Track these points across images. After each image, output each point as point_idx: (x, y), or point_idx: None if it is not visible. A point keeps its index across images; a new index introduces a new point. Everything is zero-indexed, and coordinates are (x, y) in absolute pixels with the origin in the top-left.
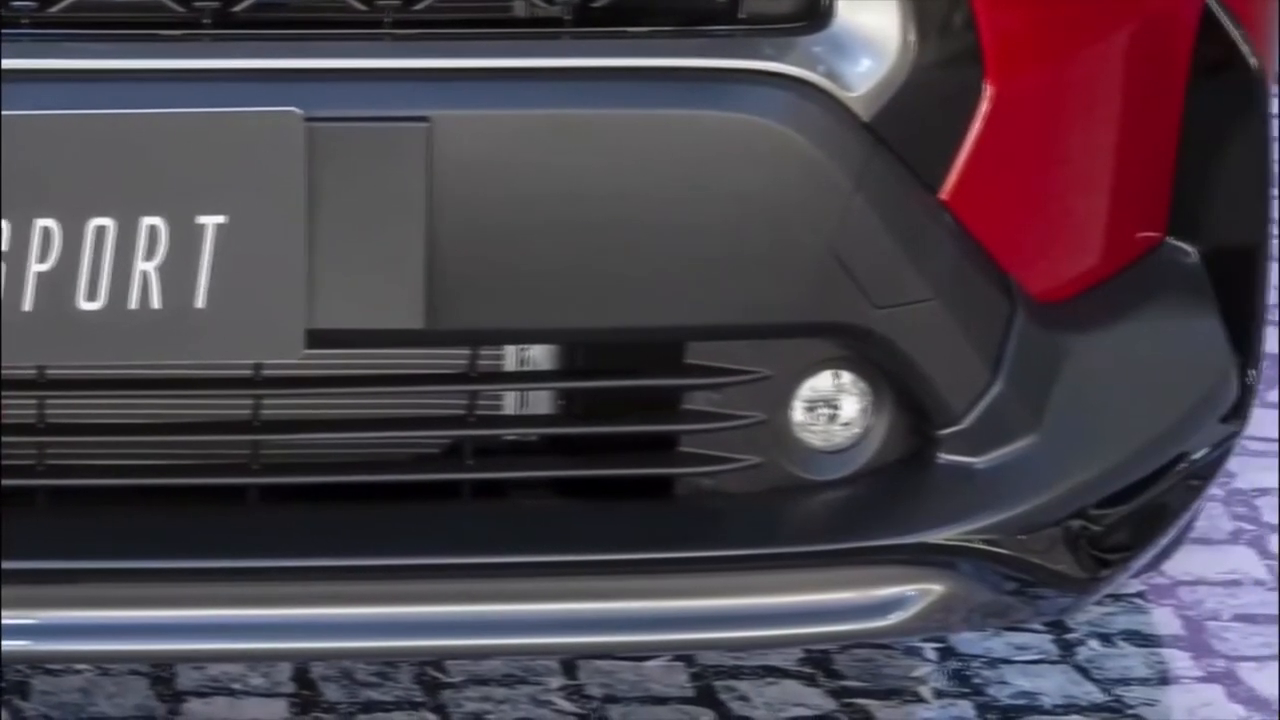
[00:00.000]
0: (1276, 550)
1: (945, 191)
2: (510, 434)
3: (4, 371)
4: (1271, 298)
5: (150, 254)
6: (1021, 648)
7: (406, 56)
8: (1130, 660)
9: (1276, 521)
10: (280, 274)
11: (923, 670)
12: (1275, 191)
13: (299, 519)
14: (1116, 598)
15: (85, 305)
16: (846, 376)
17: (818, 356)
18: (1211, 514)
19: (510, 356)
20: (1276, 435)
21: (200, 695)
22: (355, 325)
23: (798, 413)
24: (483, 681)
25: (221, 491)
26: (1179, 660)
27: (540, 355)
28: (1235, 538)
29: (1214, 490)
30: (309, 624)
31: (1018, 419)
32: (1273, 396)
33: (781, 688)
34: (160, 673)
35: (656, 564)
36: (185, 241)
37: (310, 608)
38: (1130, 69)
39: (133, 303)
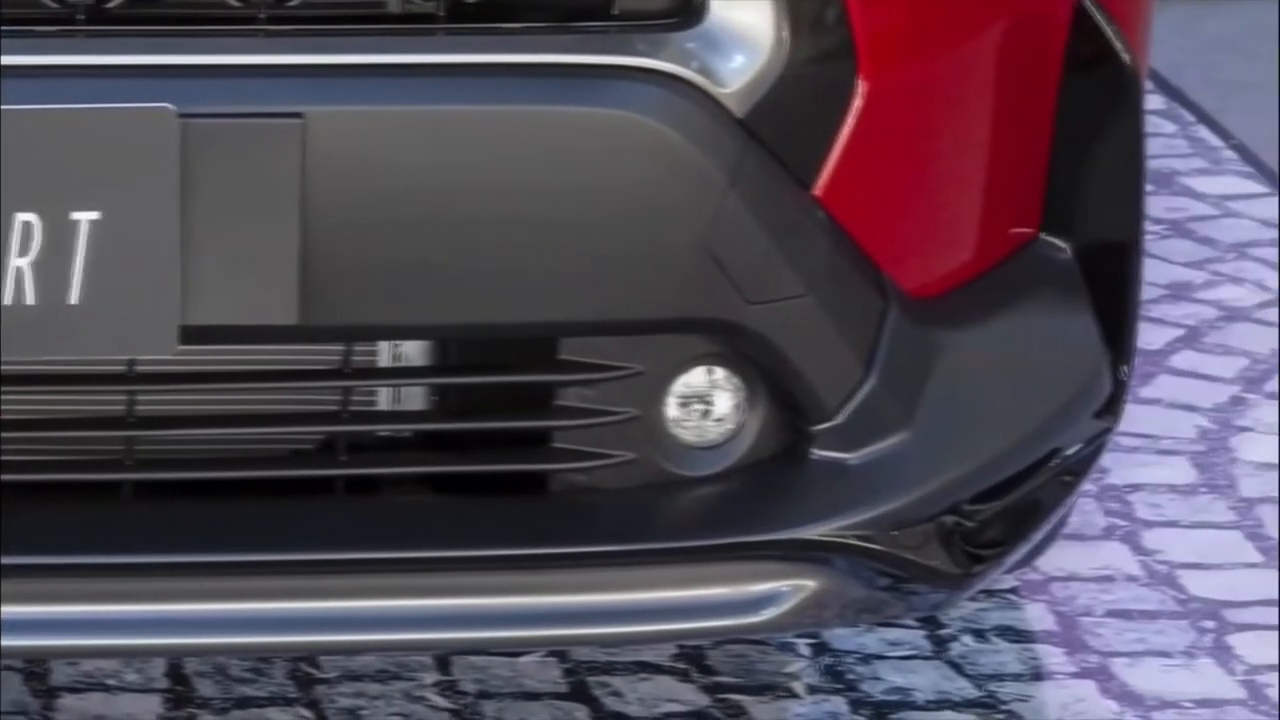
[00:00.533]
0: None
1: (819, 187)
2: (384, 430)
3: None
4: (1144, 294)
5: (24, 250)
6: (895, 643)
7: (280, 52)
8: (1003, 656)
9: (1150, 518)
10: (154, 270)
11: (796, 666)
12: (1147, 188)
13: (173, 514)
14: (990, 593)
15: None
16: (720, 372)
17: (691, 352)
18: (1084, 510)
19: (384, 352)
20: (1150, 431)
21: (75, 691)
22: (229, 321)
23: (671, 408)
24: (357, 677)
25: (96, 487)
26: (1052, 656)
27: (414, 351)
28: (1108, 533)
29: (1087, 486)
30: (182, 620)
31: (891, 415)
32: (1146, 392)
33: (655, 683)
34: (35, 669)
35: (530, 559)
36: (59, 238)
37: (184, 603)
38: (1003, 65)
39: (6, 299)
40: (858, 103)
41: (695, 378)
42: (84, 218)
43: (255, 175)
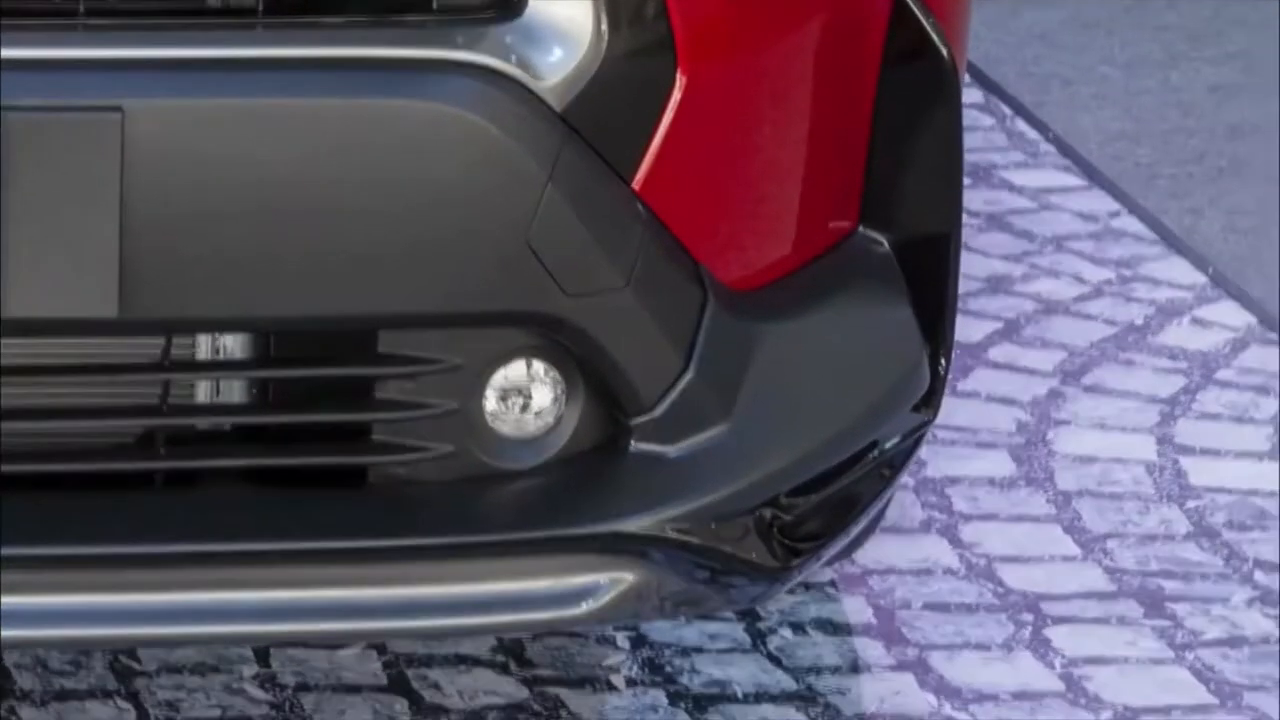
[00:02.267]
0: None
1: (638, 181)
2: (202, 422)
3: None
4: (962, 287)
5: None
6: (713, 636)
7: (100, 46)
8: (821, 649)
9: (968, 511)
10: None
11: (615, 659)
12: (966, 181)
13: None
14: (808, 586)
15: None
16: (539, 365)
17: (510, 345)
18: (903, 502)
19: (204, 345)
20: (968, 424)
21: None
22: (49, 314)
23: (490, 401)
24: (176, 670)
25: None
26: (870, 649)
27: (234, 344)
28: (926, 527)
29: (905, 479)
30: None
31: (709, 407)
32: (964, 385)
33: (474, 676)
34: None
35: (348, 553)
36: None
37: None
38: (821, 59)
39: None
40: (676, 96)
41: (514, 371)
42: None
43: (75, 168)
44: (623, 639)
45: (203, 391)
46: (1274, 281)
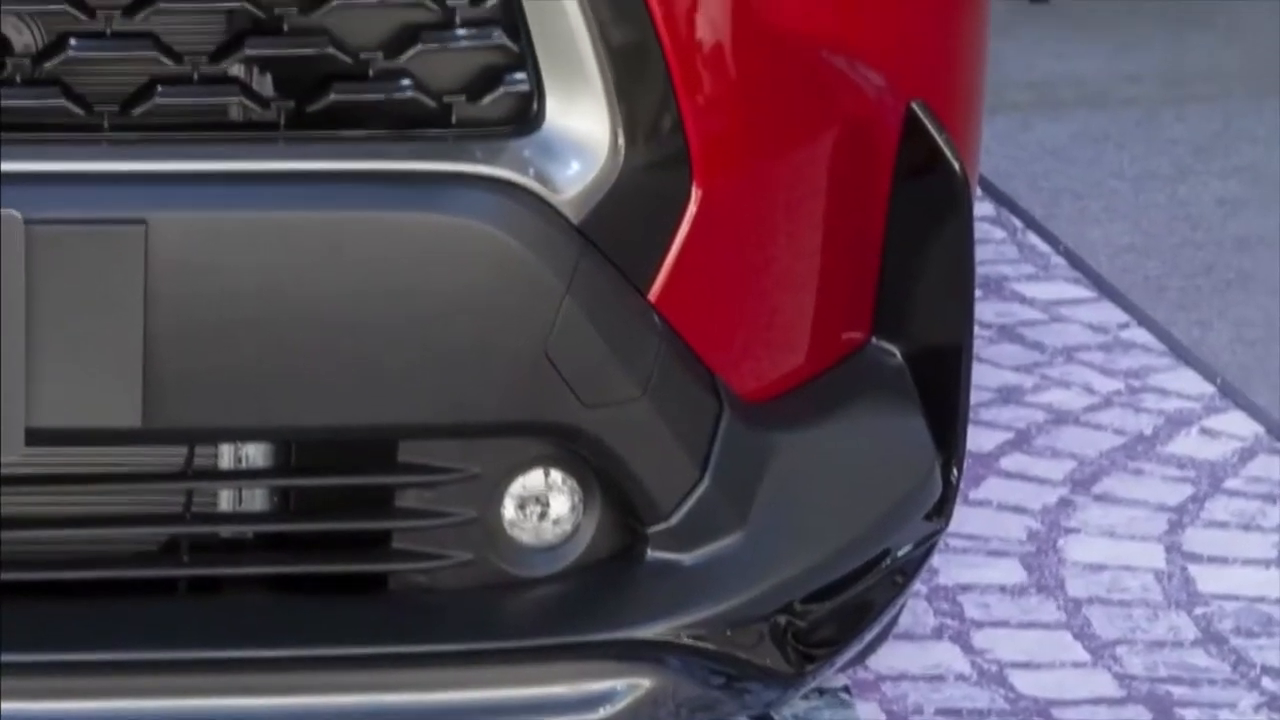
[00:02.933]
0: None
1: (654, 292)
2: (225, 530)
3: None
4: (974, 397)
5: None
6: None
7: (124, 160)
8: None
9: (980, 618)
10: (1, 372)
11: None
12: (977, 293)
13: (13, 613)
14: (822, 691)
15: None
16: (557, 474)
17: (528, 455)
18: (915, 609)
19: (226, 453)
20: (980, 532)
21: None
22: (75, 424)
23: (509, 510)
24: None
25: None
26: None
27: (256, 452)
28: (938, 633)
29: (918, 586)
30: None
31: (725, 516)
32: (976, 494)
33: None
34: None
35: (369, 659)
36: None
37: (23, 702)
38: (834, 173)
39: None
40: (692, 209)
41: (532, 480)
42: None
43: (100, 280)
44: None
45: (225, 499)
46: None
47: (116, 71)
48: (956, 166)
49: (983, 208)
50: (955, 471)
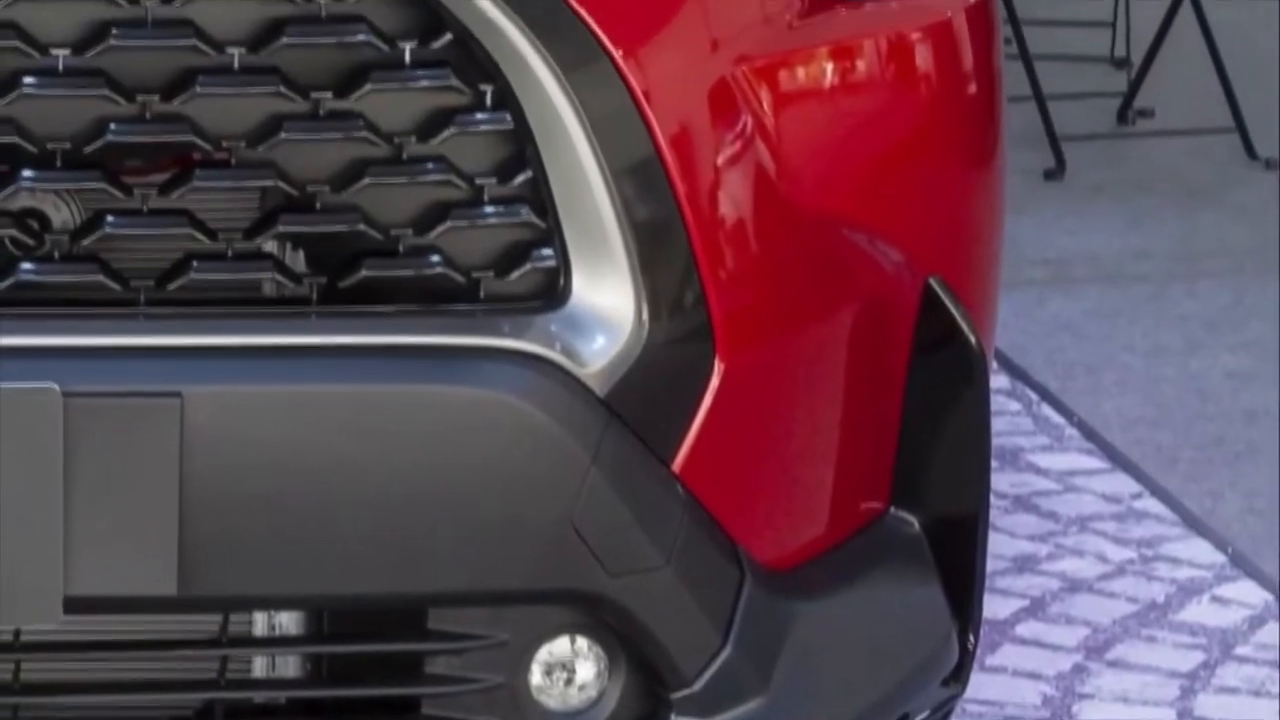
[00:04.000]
0: None
1: (677, 463)
2: (259, 695)
3: None
4: (990, 566)
5: None
6: None
7: (159, 334)
8: None
9: None
10: (38, 542)
11: None
12: (993, 464)
13: None
14: None
15: None
16: (583, 641)
17: (555, 622)
18: None
19: (260, 620)
20: (996, 698)
21: None
22: (111, 592)
23: (535, 676)
24: None
25: None
26: None
27: (289, 619)
28: None
29: None
30: None
31: (747, 682)
32: (991, 660)
33: None
34: None
35: None
36: None
37: None
38: (854, 346)
39: None
40: (715, 382)
41: (559, 646)
42: None
43: (136, 451)
44: None
45: (259, 664)
46: None
47: (152, 247)
48: (973, 341)
49: (999, 380)
50: (972, 638)
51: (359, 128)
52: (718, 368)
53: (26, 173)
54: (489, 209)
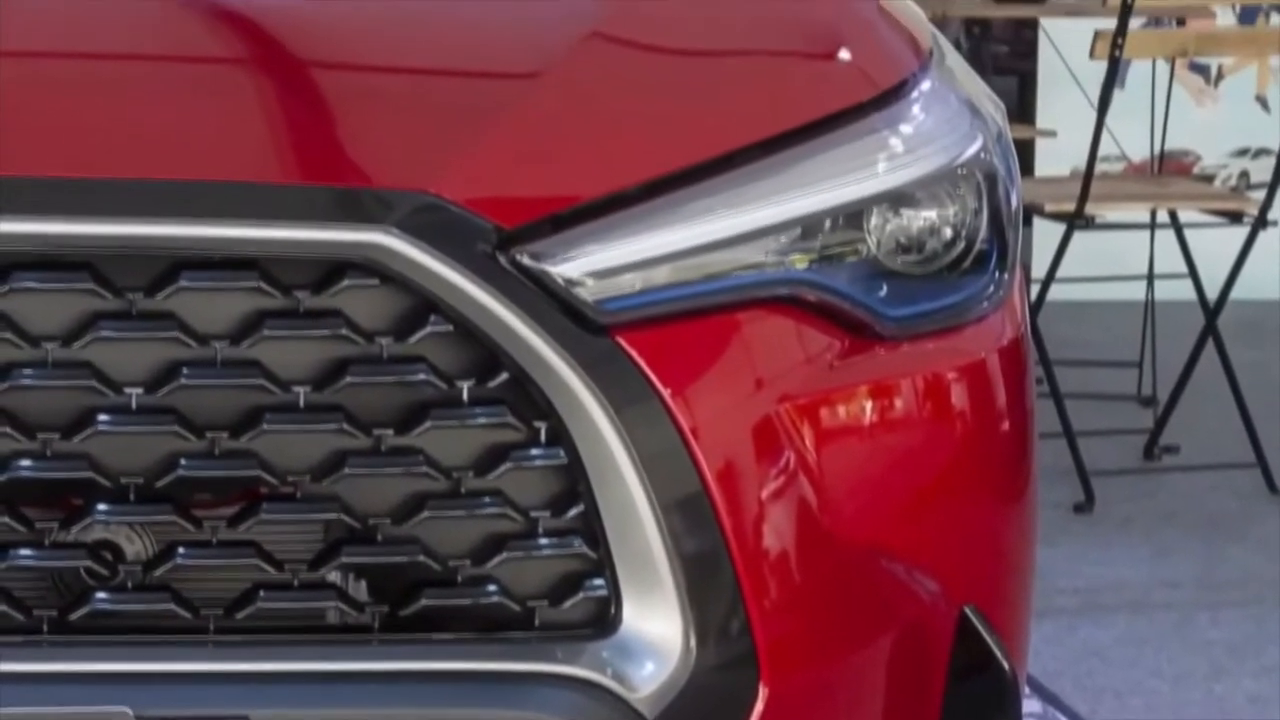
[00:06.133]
0: None
1: None
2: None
3: None
4: None
5: None
6: None
7: (227, 660)
8: None
9: None
10: None
11: None
12: None
13: None
14: None
15: None
16: None
17: None
18: None
19: None
20: None
21: None
22: None
23: None
24: None
25: None
26: None
27: None
28: None
29: None
30: None
31: None
32: None
33: None
34: None
35: None
36: None
37: None
38: (892, 672)
39: None
40: (760, 706)
41: None
42: None
43: None
44: None
45: None
46: None
47: (221, 577)
48: (1007, 668)
49: (1030, 705)
50: None
51: (419, 463)
52: (762, 693)
53: (101, 506)
54: (543, 541)
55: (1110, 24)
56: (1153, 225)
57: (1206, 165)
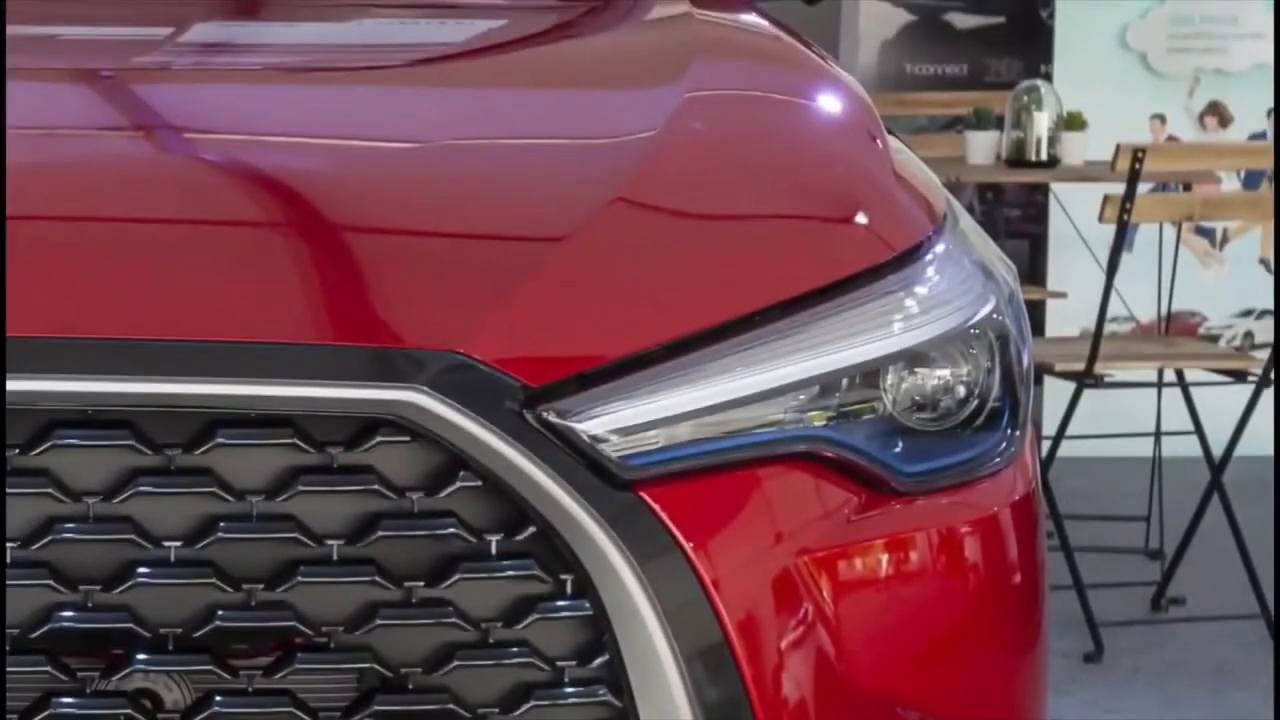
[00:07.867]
0: None
1: None
2: None
3: None
4: None
5: None
6: None
7: None
8: None
9: None
10: None
11: None
12: None
13: None
14: None
15: None
16: None
17: None
18: None
19: None
20: None
21: None
22: None
23: None
24: None
25: None
26: None
27: None
28: None
29: None
30: None
31: None
32: None
33: None
34: None
35: None
36: None
37: None
38: None
39: None
40: None
41: None
42: None
43: None
44: None
45: None
46: None
47: None
48: None
49: None
50: None
51: (449, 614)
52: None
53: (140, 656)
54: (570, 689)
55: (1119, 189)
56: (1160, 384)
57: (1212, 326)
